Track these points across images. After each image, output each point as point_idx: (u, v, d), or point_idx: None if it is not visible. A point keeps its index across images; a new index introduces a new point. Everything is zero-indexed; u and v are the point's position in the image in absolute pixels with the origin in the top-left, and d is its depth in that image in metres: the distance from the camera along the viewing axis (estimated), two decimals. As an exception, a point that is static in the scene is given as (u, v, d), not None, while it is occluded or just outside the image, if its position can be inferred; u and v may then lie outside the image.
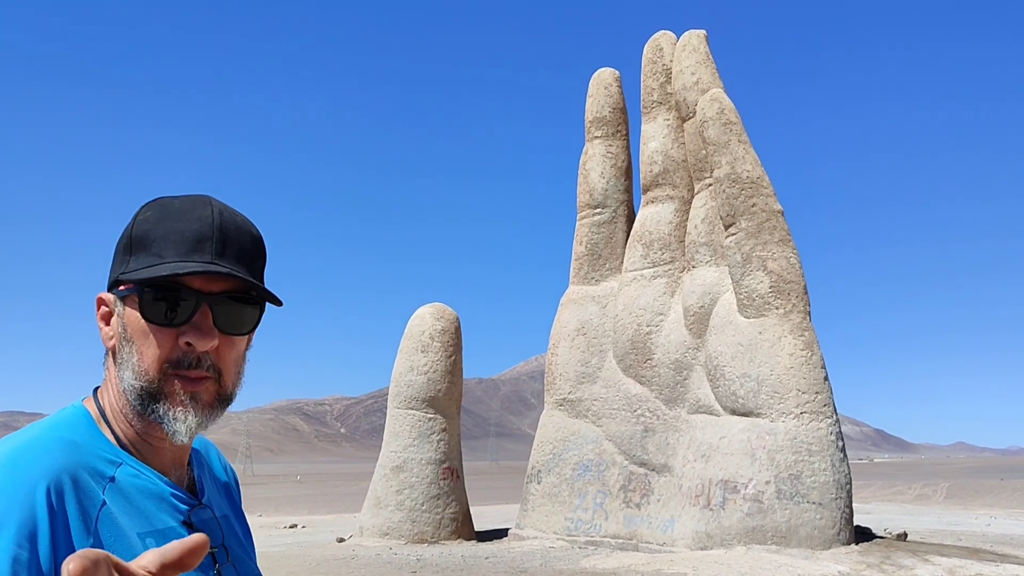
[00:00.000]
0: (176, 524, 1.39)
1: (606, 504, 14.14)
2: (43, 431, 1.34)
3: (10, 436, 1.33)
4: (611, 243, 15.50)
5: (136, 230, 1.39)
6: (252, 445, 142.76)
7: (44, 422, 1.38)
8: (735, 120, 13.28)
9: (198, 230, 1.38)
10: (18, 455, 1.27)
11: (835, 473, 11.80)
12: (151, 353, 1.35)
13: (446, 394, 15.41)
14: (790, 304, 12.51)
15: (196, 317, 1.36)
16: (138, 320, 1.36)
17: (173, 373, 1.36)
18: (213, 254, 1.37)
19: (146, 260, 1.36)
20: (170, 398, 1.36)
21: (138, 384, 1.36)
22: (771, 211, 12.90)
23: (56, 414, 1.41)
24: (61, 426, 1.36)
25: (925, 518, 21.98)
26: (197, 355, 1.36)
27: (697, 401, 13.33)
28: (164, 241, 1.37)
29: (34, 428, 1.35)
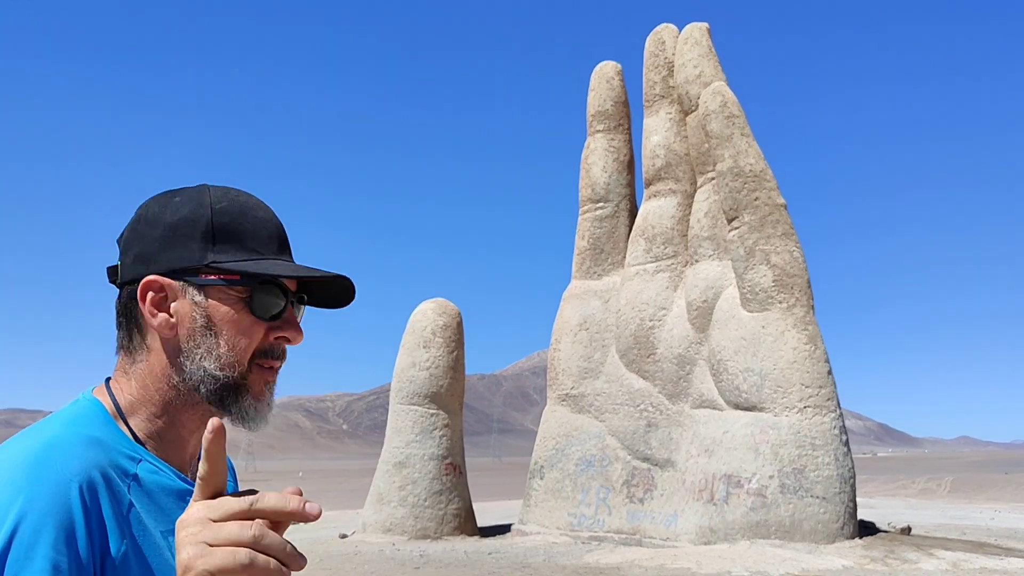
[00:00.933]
0: None
1: (609, 499, 14.11)
2: (64, 427, 1.27)
3: (27, 433, 1.26)
4: (613, 238, 15.45)
5: (219, 219, 1.35)
6: (254, 442, 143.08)
7: (60, 417, 1.31)
8: (738, 113, 13.22)
9: (276, 229, 1.41)
10: (45, 454, 1.20)
11: (839, 467, 11.76)
12: (244, 344, 1.33)
13: (448, 390, 15.38)
14: (793, 298, 12.47)
15: (288, 313, 1.38)
16: (231, 311, 1.33)
17: (258, 364, 1.36)
18: (290, 255, 1.43)
19: (242, 254, 1.35)
20: (253, 388, 1.35)
21: (223, 375, 1.33)
22: (774, 205, 12.85)
23: (69, 407, 1.34)
24: (81, 422, 1.29)
25: (929, 512, 21.95)
26: (283, 347, 1.39)
27: (700, 396, 13.30)
28: (255, 237, 1.37)
29: (53, 424, 1.27)
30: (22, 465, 1.18)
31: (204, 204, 1.37)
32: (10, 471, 1.17)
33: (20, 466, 1.18)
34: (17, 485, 1.16)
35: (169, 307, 1.34)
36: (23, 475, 1.17)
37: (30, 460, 1.18)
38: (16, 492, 1.15)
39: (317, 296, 1.47)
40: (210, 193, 1.39)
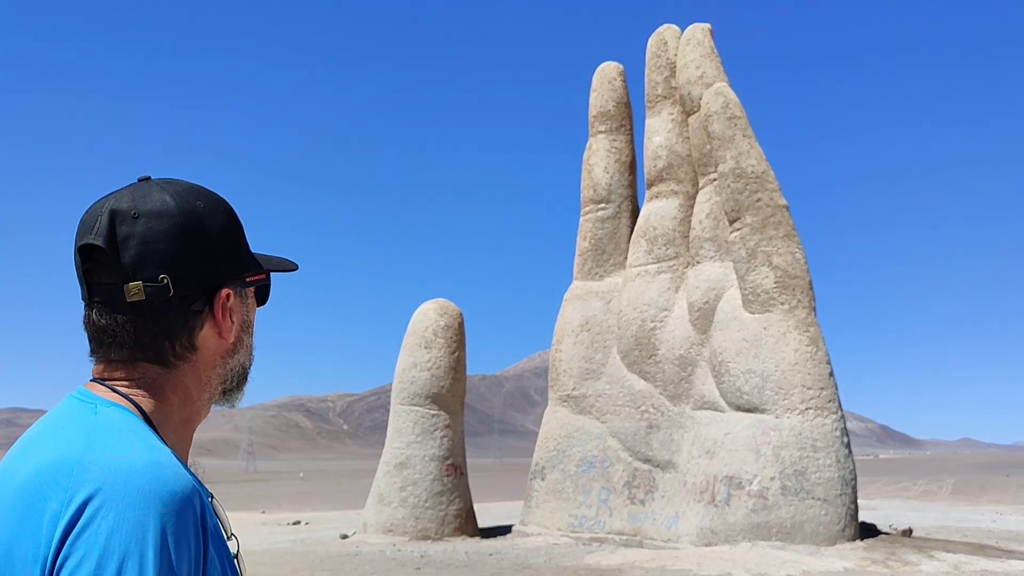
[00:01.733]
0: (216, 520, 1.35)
1: (610, 501, 14.10)
2: (148, 440, 1.23)
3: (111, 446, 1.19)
4: (615, 238, 15.44)
5: (238, 221, 1.47)
6: (255, 442, 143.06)
7: (125, 425, 1.25)
8: (740, 114, 13.21)
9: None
10: (158, 468, 1.16)
11: (840, 469, 11.75)
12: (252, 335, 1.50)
13: (449, 390, 15.37)
14: (795, 299, 12.46)
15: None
16: (253, 305, 1.48)
17: None
18: None
19: (254, 253, 1.49)
20: None
21: (249, 365, 1.48)
22: (776, 206, 12.84)
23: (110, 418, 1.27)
24: (142, 433, 1.25)
25: (930, 514, 21.93)
26: None
27: (702, 397, 13.28)
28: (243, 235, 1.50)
29: (129, 436, 1.22)
30: (139, 483, 1.14)
31: (227, 208, 1.45)
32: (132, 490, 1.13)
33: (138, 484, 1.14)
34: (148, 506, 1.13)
35: (230, 315, 1.42)
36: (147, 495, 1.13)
37: (147, 478, 1.15)
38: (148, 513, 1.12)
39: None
40: (216, 195, 1.45)
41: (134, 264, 1.30)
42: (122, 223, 1.31)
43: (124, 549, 1.10)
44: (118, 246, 1.30)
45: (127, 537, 1.10)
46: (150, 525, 1.11)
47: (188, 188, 1.39)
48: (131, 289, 1.30)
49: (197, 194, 1.40)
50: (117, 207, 1.31)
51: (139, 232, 1.31)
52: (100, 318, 1.33)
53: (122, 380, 1.35)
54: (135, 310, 1.31)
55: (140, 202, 1.33)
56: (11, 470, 1.23)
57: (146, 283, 1.31)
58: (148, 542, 1.10)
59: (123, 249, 1.30)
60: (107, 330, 1.33)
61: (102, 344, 1.35)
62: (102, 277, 1.32)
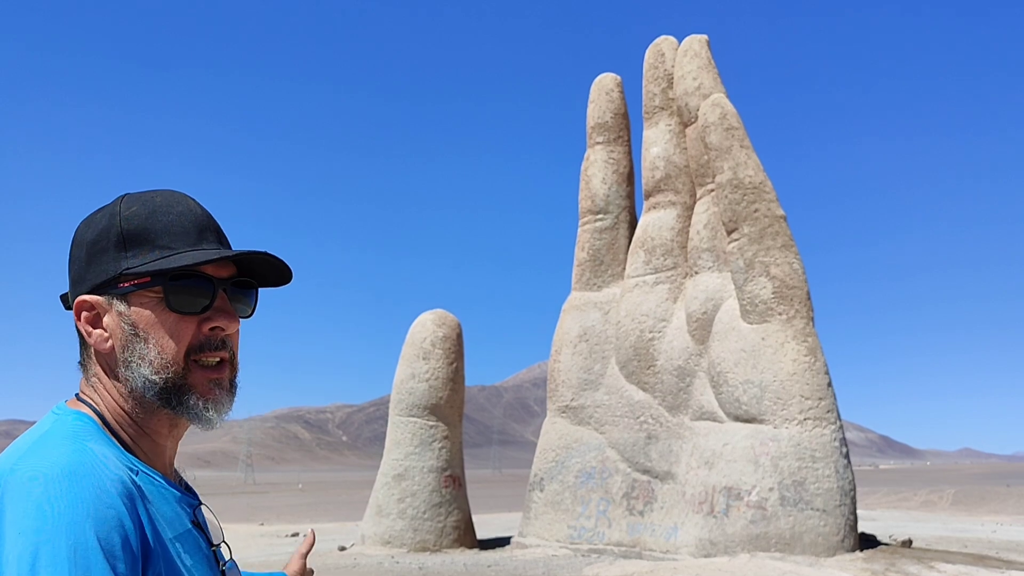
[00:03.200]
0: (190, 526, 1.37)
1: (609, 512, 14.06)
2: (74, 442, 1.26)
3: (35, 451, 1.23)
4: (613, 249, 15.46)
5: (127, 225, 1.38)
6: (253, 453, 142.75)
7: (61, 432, 1.29)
8: (737, 125, 13.25)
9: (195, 220, 1.41)
10: (78, 466, 1.19)
11: (839, 479, 11.73)
12: (173, 344, 1.36)
13: (448, 401, 15.35)
14: (793, 310, 12.46)
15: (218, 303, 1.39)
16: (151, 314, 1.36)
17: (194, 362, 1.37)
18: (216, 242, 1.42)
19: (154, 253, 1.36)
20: (197, 388, 1.37)
21: (160, 378, 1.35)
22: (773, 216, 12.86)
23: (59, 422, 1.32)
24: (86, 436, 1.29)
25: (931, 525, 21.88)
26: (221, 338, 1.40)
27: (700, 408, 13.27)
28: (167, 233, 1.38)
29: (59, 440, 1.26)
30: (56, 481, 1.16)
31: (114, 214, 1.40)
32: (48, 488, 1.15)
33: (56, 483, 1.16)
34: (64, 504, 1.14)
35: (102, 323, 1.38)
36: (63, 492, 1.15)
37: (65, 476, 1.17)
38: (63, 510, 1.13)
39: (263, 277, 1.50)
40: (122, 201, 1.42)
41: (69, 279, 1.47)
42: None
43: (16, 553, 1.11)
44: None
45: (17, 541, 1.12)
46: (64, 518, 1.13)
47: (116, 199, 1.45)
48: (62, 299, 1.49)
49: (107, 205, 1.44)
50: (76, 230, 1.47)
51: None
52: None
53: (82, 388, 1.43)
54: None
55: (82, 224, 1.45)
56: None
57: (63, 295, 1.48)
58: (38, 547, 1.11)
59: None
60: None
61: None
62: None
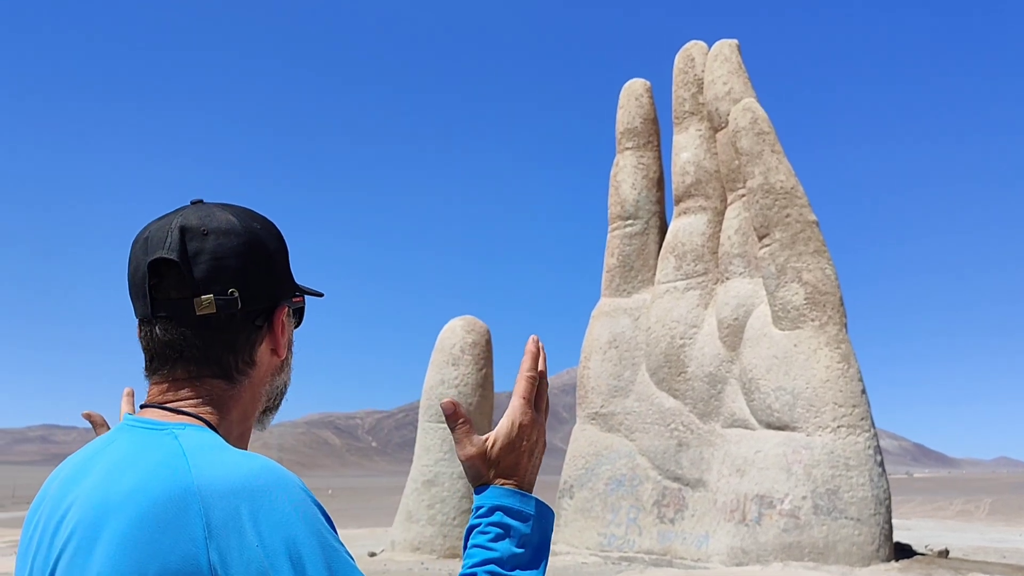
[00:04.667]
0: None
1: (640, 519, 13.97)
2: (237, 454, 1.22)
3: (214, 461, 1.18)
4: (643, 255, 15.39)
5: (281, 246, 1.48)
6: (284, 459, 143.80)
7: (216, 442, 1.25)
8: (768, 130, 13.15)
9: None
10: (276, 468, 1.22)
11: (874, 488, 11.57)
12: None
13: (477, 408, 15.36)
14: (826, 316, 12.32)
15: None
16: (292, 326, 1.51)
17: None
18: None
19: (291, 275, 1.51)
20: None
21: (289, 383, 1.51)
22: (806, 221, 12.74)
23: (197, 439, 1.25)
24: (232, 448, 1.27)
25: (968, 535, 21.50)
26: None
27: (732, 415, 13.15)
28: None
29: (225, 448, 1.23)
30: (279, 480, 1.19)
31: (277, 231, 1.50)
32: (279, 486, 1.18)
33: (278, 481, 1.19)
34: (290, 484, 1.19)
35: (283, 330, 1.47)
36: (284, 481, 1.19)
37: (275, 470, 1.21)
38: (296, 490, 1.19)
39: None
40: (267, 219, 1.50)
41: (206, 278, 1.33)
42: (192, 239, 1.34)
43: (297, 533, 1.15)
44: (190, 261, 1.33)
45: (294, 522, 1.15)
46: (307, 507, 1.18)
47: (244, 210, 1.47)
48: (203, 302, 1.33)
49: (252, 216, 1.47)
50: (186, 224, 1.35)
51: (209, 248, 1.34)
52: (165, 333, 1.34)
53: (189, 398, 1.35)
54: (202, 324, 1.34)
55: (207, 220, 1.37)
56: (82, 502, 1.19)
57: (217, 296, 1.34)
58: (317, 521, 1.17)
59: (195, 263, 1.33)
60: (173, 345, 1.34)
61: (167, 360, 1.35)
62: (170, 292, 1.34)
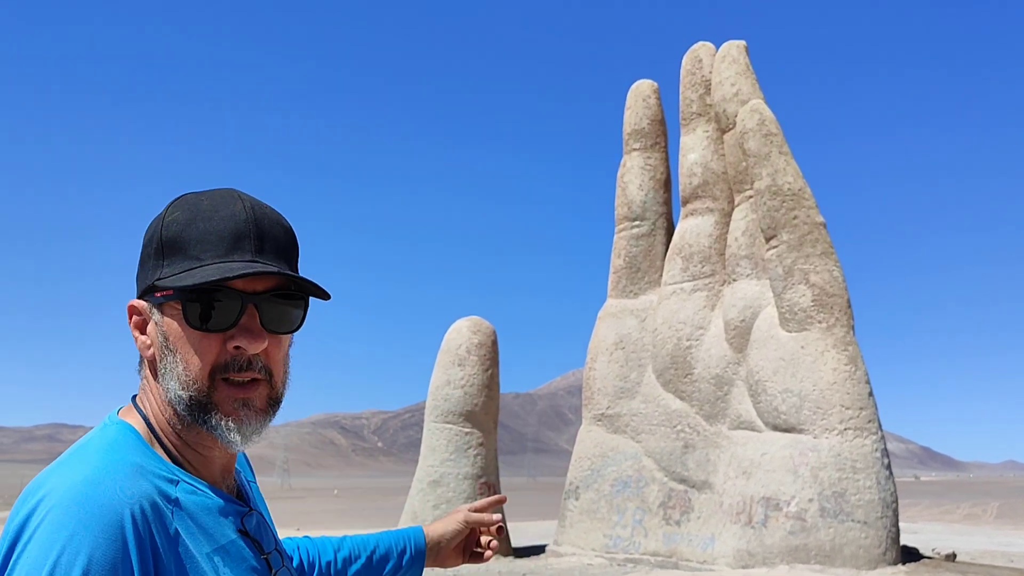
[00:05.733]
0: (235, 536, 1.32)
1: (645, 521, 13.95)
2: (104, 457, 1.22)
3: (64, 466, 1.21)
4: (650, 256, 15.36)
5: (166, 233, 1.31)
6: (290, 459, 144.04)
7: (96, 446, 1.26)
8: (776, 131, 13.12)
9: (233, 228, 1.30)
10: (90, 490, 1.15)
11: (881, 491, 11.52)
12: (197, 361, 1.28)
13: (483, 408, 15.36)
14: (833, 318, 12.29)
15: (244, 319, 1.29)
16: (180, 328, 1.29)
17: (222, 379, 1.29)
18: (253, 251, 1.30)
19: (183, 264, 1.28)
20: (221, 407, 1.29)
21: (186, 395, 1.28)
22: (813, 223, 12.70)
23: (101, 433, 1.29)
24: (120, 448, 1.25)
25: (975, 538, 21.42)
26: (247, 358, 1.30)
27: (738, 417, 13.12)
28: (200, 242, 1.29)
29: (90, 455, 1.23)
30: (66, 503, 1.13)
31: (159, 219, 1.35)
32: (55, 512, 1.13)
33: (65, 505, 1.13)
34: (64, 526, 1.11)
35: (147, 329, 1.34)
36: (69, 515, 1.12)
37: (75, 497, 1.14)
38: (63, 534, 1.11)
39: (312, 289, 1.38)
40: (170, 205, 1.36)
41: None
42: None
43: (40, 566, 1.09)
44: None
45: (43, 554, 1.10)
46: (62, 542, 1.10)
47: (171, 202, 1.38)
48: None
49: (181, 200, 1.37)
50: None
51: None
52: None
53: (139, 391, 1.39)
54: None
55: None
56: None
57: None
58: (58, 560, 1.09)
59: None
60: None
61: None
62: None
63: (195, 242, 1.29)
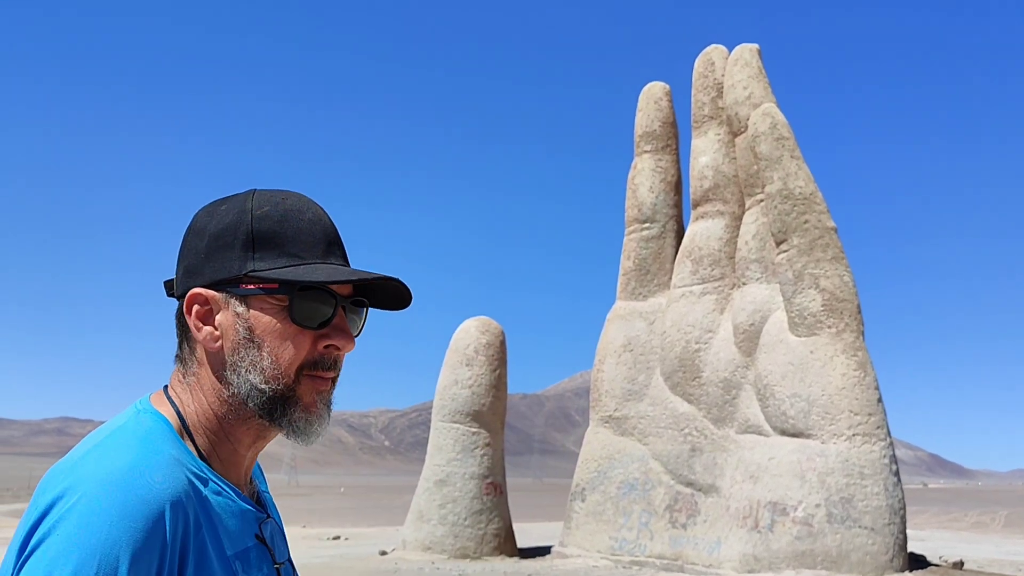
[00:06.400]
0: (253, 542, 1.32)
1: (651, 524, 13.93)
2: (143, 446, 1.21)
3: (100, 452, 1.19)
4: (659, 258, 15.34)
5: (258, 225, 1.31)
6: (297, 456, 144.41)
7: (133, 431, 1.25)
8: (788, 135, 13.08)
9: (323, 231, 1.35)
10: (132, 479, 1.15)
11: (888, 497, 11.48)
12: (289, 355, 1.29)
13: (490, 408, 15.36)
14: (843, 323, 12.24)
15: (337, 320, 1.33)
16: (273, 321, 1.29)
17: (308, 375, 1.31)
18: (341, 257, 1.36)
19: (284, 260, 1.30)
20: (303, 400, 1.31)
21: (268, 388, 1.29)
22: (824, 228, 12.66)
23: (137, 420, 1.28)
24: (156, 439, 1.25)
25: (983, 547, 21.30)
26: (335, 357, 1.34)
27: (746, 421, 13.09)
28: (296, 241, 1.31)
29: (129, 443, 1.22)
30: (108, 490, 1.13)
31: (246, 211, 1.33)
32: (96, 498, 1.12)
33: (106, 491, 1.13)
34: (105, 513, 1.11)
35: (214, 320, 1.32)
36: (113, 501, 1.12)
37: (118, 484, 1.13)
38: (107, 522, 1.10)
39: (378, 298, 1.42)
40: (253, 198, 1.35)
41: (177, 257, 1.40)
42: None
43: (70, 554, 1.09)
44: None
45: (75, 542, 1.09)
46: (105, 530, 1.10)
47: (245, 193, 1.38)
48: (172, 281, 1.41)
49: (234, 198, 1.37)
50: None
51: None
52: None
53: (173, 381, 1.39)
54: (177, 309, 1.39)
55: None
56: None
57: (167, 281, 1.42)
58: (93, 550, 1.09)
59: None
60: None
61: None
62: None
63: (293, 240, 1.32)
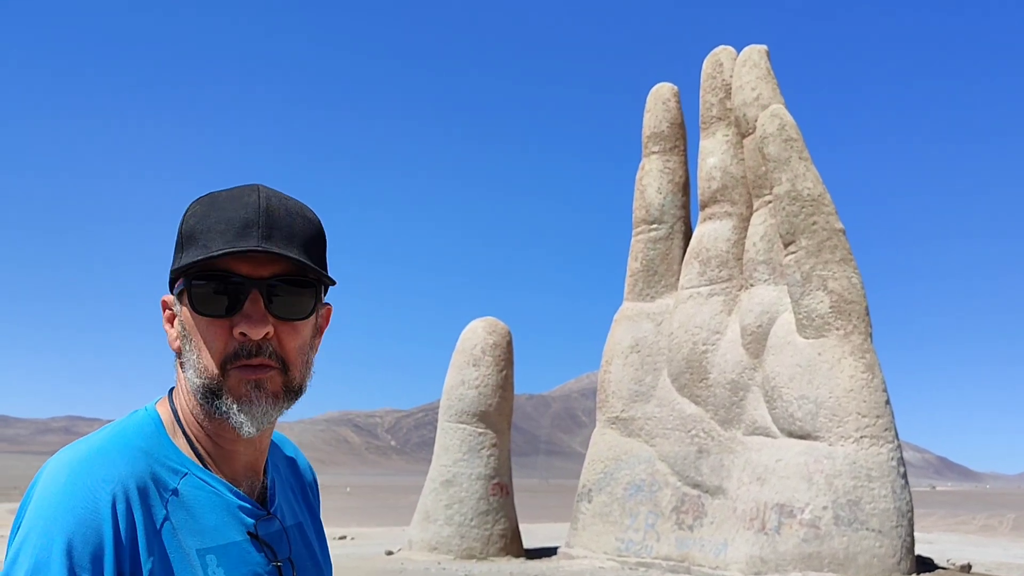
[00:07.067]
0: (241, 538, 1.31)
1: (658, 525, 13.91)
2: (111, 437, 1.27)
3: (78, 442, 1.27)
4: (667, 259, 15.32)
5: (185, 226, 1.32)
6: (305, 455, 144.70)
7: (114, 427, 1.31)
8: (796, 136, 13.05)
9: (244, 216, 1.30)
10: (85, 464, 1.21)
11: (896, 500, 11.44)
12: (208, 349, 1.28)
13: (497, 409, 15.36)
14: (851, 325, 12.20)
15: (246, 305, 1.28)
16: (191, 316, 1.30)
17: (236, 367, 1.29)
18: (260, 238, 1.29)
19: (194, 253, 1.29)
20: (232, 391, 1.28)
21: (200, 382, 1.29)
22: (832, 229, 12.63)
23: (127, 418, 1.34)
24: (130, 432, 1.29)
25: (991, 550, 21.22)
26: (256, 344, 1.29)
27: (753, 422, 13.06)
28: (211, 231, 1.29)
29: (102, 434, 1.29)
30: (60, 477, 1.20)
31: (184, 212, 1.36)
32: (49, 483, 1.20)
33: (58, 478, 1.20)
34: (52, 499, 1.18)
35: (175, 322, 1.35)
36: (59, 487, 1.19)
37: (70, 470, 1.20)
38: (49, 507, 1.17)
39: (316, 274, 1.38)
40: (196, 199, 1.37)
41: None
42: None
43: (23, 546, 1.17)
44: None
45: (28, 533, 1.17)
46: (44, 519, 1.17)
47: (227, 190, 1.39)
48: None
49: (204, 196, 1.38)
50: None
51: None
52: None
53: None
54: None
55: None
56: None
57: None
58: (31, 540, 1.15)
59: None
60: None
61: None
62: None
63: (206, 232, 1.29)
